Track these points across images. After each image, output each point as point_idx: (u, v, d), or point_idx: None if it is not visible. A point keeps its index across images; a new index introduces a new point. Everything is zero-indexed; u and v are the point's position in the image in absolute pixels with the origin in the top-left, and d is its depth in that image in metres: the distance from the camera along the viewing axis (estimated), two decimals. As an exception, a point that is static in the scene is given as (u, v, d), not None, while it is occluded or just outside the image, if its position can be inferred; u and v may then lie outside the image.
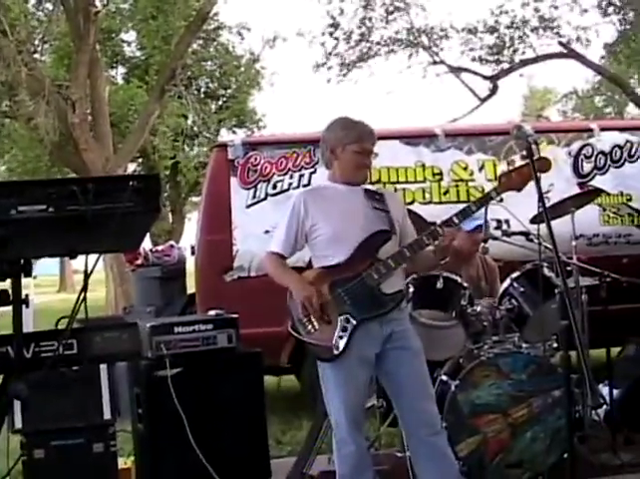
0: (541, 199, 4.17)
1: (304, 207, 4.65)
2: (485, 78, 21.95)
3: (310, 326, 4.57)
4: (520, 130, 4.37)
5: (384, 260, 4.53)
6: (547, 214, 4.24)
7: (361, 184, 4.77)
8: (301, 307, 4.55)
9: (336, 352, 4.50)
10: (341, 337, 4.50)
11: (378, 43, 21.88)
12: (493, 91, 22.08)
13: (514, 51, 21.13)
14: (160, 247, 10.28)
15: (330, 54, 21.89)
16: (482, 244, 6.26)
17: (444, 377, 5.64)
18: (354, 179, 4.71)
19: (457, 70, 22.29)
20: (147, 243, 16.77)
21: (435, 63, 22.20)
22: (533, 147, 4.30)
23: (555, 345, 5.88)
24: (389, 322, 4.58)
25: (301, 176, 8.11)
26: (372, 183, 6.79)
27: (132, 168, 27.89)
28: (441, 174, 8.38)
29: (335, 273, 4.58)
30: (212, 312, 5.75)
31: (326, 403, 4.68)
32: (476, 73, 22.05)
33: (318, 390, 4.76)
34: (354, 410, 4.57)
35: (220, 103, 30.32)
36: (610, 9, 20.47)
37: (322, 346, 4.55)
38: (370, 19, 21.55)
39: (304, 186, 7.93)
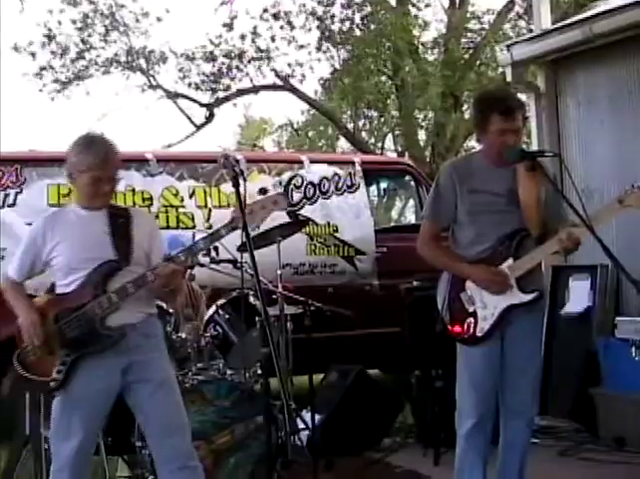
0: (245, 227, 4.20)
1: (42, 233, 4.41)
2: (202, 105, 22.04)
3: (32, 356, 4.33)
4: (227, 159, 4.40)
5: (107, 294, 4.30)
6: (251, 242, 4.28)
7: (102, 208, 4.50)
8: (24, 334, 4.30)
9: (53, 385, 4.27)
10: (59, 372, 4.26)
11: (95, 62, 21.47)
12: (209, 119, 22.21)
13: (231, 80, 21.35)
14: None
15: (44, 69, 21.20)
16: (189, 271, 6.28)
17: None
18: (92, 204, 4.46)
19: (173, 95, 22.24)
20: None
21: (152, 87, 22.08)
22: (240, 177, 4.34)
23: (260, 372, 5.96)
24: (126, 353, 4.34)
25: (6, 195, 7.80)
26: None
27: None
28: (151, 199, 8.36)
29: (62, 304, 4.36)
30: None
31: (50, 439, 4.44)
32: (192, 99, 22.11)
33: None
34: (81, 449, 4.31)
35: None
36: (325, 46, 21.13)
37: (41, 382, 4.32)
38: (90, 35, 21.12)
39: (9, 206, 7.69)
